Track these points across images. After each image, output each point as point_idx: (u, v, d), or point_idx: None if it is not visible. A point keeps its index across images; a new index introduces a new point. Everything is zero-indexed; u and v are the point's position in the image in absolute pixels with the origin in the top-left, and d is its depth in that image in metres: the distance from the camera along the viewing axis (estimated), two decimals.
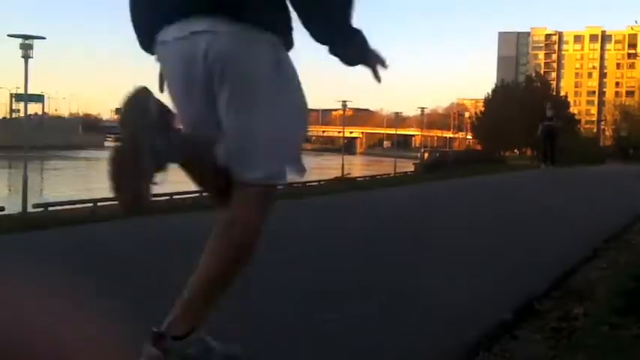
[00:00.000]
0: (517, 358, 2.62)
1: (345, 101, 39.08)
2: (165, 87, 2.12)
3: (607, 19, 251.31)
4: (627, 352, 2.44)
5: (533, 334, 2.91)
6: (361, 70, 2.07)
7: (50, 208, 12.68)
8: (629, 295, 3.24)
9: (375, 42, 2.09)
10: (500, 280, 3.95)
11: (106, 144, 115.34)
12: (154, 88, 2.08)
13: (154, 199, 2.03)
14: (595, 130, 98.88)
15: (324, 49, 2.08)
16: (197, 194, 16.01)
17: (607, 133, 70.19)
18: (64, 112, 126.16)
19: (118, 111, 2.04)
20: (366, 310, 3.13)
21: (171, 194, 16.46)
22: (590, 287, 3.73)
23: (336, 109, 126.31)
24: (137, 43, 2.15)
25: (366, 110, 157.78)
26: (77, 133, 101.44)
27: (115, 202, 2.07)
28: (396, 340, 2.70)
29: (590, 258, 4.67)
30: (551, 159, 19.11)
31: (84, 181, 40.14)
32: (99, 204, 13.76)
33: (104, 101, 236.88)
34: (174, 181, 2.33)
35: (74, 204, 14.27)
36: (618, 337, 2.62)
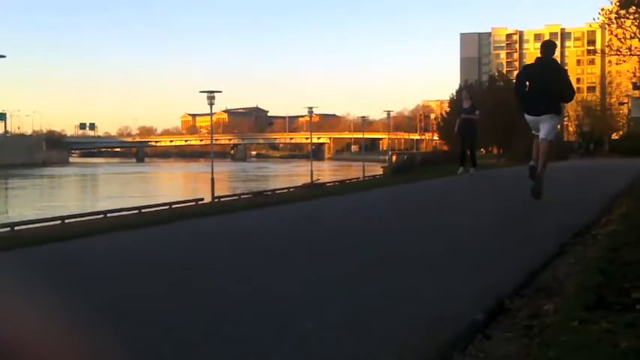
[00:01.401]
0: (492, 358, 2.65)
1: (311, 107, 39.22)
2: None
3: (565, 17, 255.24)
4: (597, 347, 2.48)
5: (505, 333, 2.95)
6: (327, 75, 2.13)
7: (17, 228, 12.51)
8: (598, 290, 3.29)
9: (339, 46, 2.13)
10: (469, 280, 3.99)
11: (71, 160, 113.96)
12: None
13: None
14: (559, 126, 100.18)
15: (294, 58, 2.12)
16: (167, 207, 15.91)
17: (570, 129, 71.18)
18: (27, 130, 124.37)
19: None
20: (337, 315, 3.14)
21: (139, 208, 16.33)
22: (559, 283, 3.79)
23: (302, 116, 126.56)
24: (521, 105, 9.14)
25: (333, 115, 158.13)
26: (41, 150, 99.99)
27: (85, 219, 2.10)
28: (367, 345, 2.71)
29: (558, 254, 4.74)
30: (472, 160, 16.04)
31: (50, 199, 39.58)
32: (66, 221, 13.61)
33: (68, 117, 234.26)
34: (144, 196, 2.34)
35: (41, 222, 14.09)
36: (588, 332, 2.66)
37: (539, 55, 9.16)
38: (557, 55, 9.57)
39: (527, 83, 8.98)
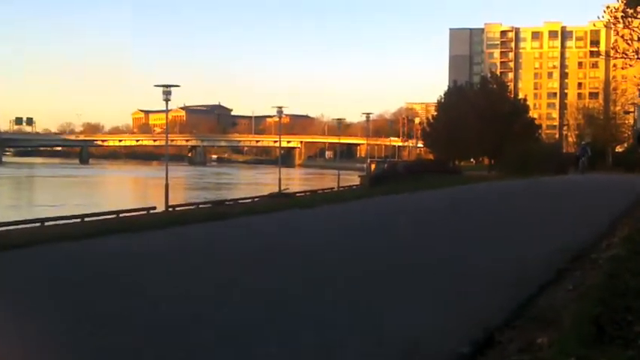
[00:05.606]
0: None
1: (280, 107, 39.12)
2: None
3: (566, 14, 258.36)
4: None
5: None
6: (300, 72, 2.13)
7: None
8: (597, 321, 3.31)
9: (314, 40, 2.14)
10: (456, 307, 4.01)
11: (4, 159, 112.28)
12: None
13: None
14: (557, 135, 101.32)
15: (262, 52, 2.13)
16: (114, 215, 15.79)
17: (570, 139, 71.76)
18: None
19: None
20: (317, 342, 3.14)
21: (82, 216, 16.16)
22: (555, 313, 3.81)
23: (270, 116, 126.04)
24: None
25: (305, 117, 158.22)
26: None
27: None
28: None
29: (554, 280, 4.78)
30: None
31: None
32: (9, 228, 13.43)
33: (2, 110, 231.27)
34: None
35: None
36: None
37: None
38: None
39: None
